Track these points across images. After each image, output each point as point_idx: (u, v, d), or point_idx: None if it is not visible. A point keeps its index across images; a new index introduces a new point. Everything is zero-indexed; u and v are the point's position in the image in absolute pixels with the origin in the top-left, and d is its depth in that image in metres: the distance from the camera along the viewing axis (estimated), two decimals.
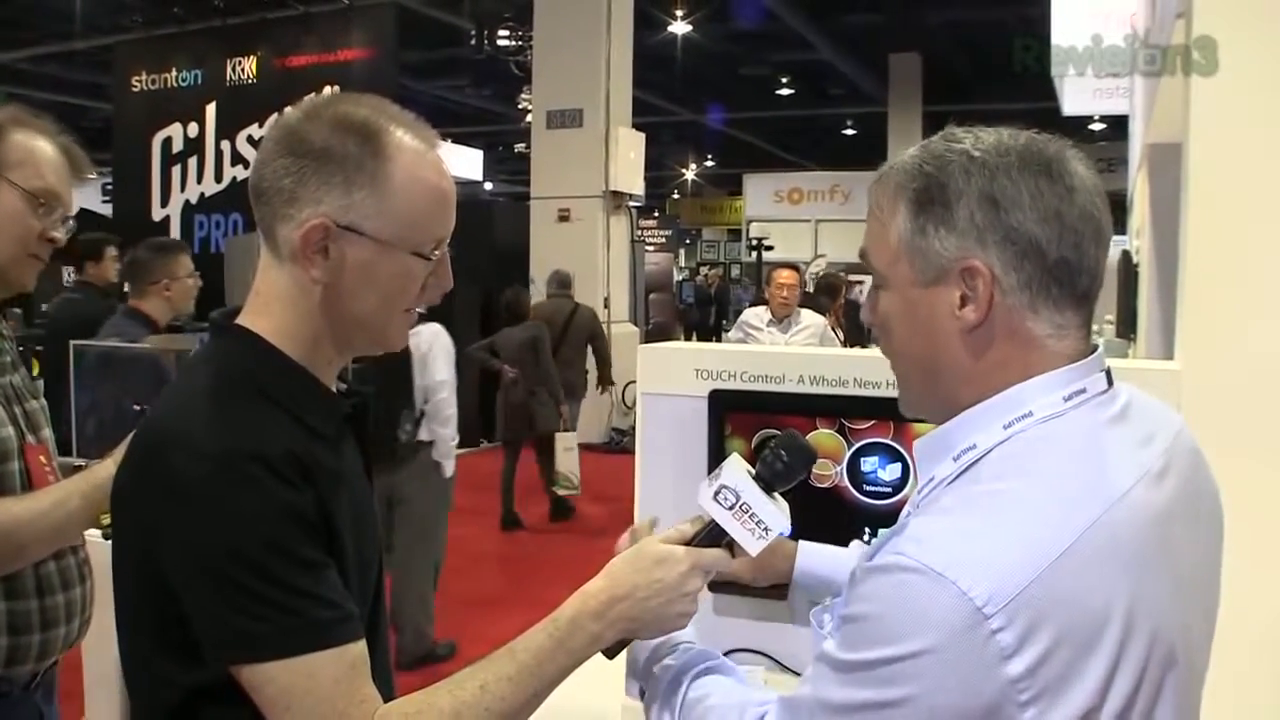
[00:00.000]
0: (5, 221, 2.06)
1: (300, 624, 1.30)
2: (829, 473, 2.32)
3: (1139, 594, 1.11)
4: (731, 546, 1.49)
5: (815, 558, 1.86)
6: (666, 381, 2.61)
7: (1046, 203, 1.19)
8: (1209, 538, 1.31)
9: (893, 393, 1.88)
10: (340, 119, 1.43)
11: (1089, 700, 1.07)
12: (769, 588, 1.99)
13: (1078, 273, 1.21)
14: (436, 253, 1.47)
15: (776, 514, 1.46)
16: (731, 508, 1.45)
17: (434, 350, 5.65)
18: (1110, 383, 1.26)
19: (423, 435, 5.68)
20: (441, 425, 5.70)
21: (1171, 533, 1.20)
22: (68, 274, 10.84)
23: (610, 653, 1.47)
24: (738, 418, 2.44)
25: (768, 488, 1.47)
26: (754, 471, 1.48)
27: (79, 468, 2.27)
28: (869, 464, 2.31)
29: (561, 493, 9.30)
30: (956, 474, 1.22)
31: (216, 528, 1.29)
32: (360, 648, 1.35)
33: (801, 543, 1.85)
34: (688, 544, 1.47)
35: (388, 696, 1.44)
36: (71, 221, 2.20)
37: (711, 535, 1.47)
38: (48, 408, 2.25)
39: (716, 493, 1.46)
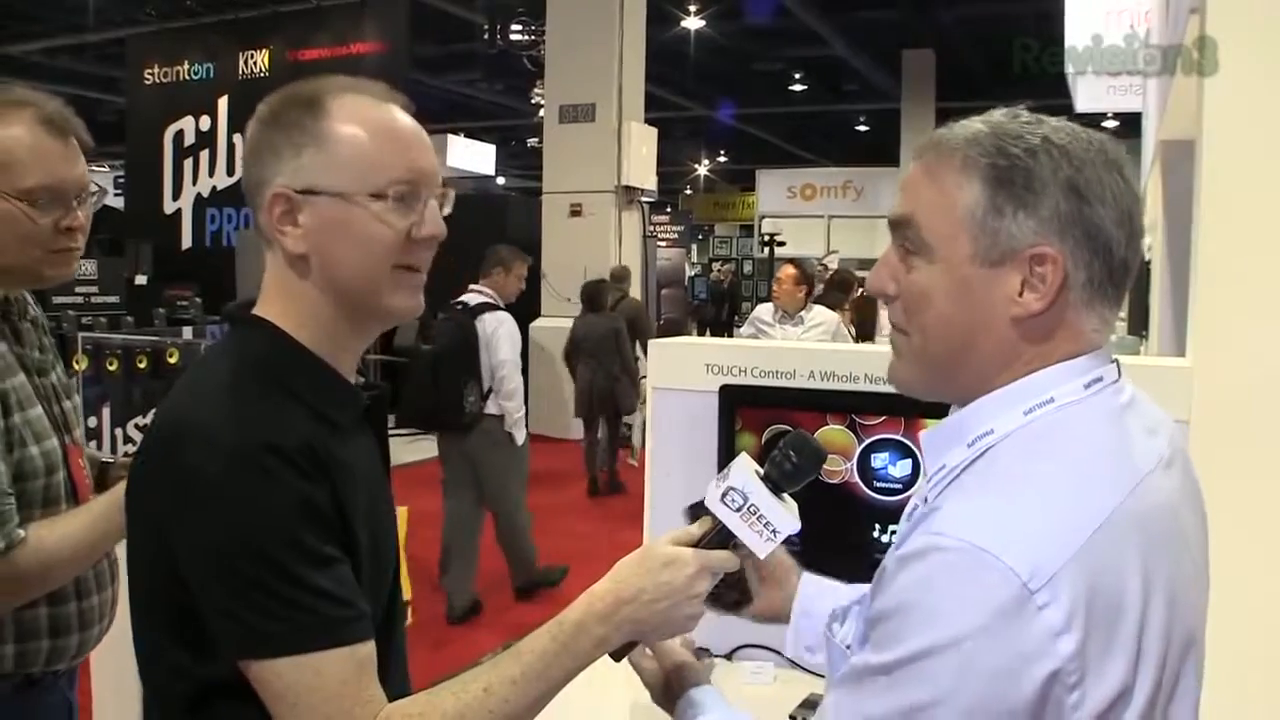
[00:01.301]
0: (3, 232, 1.95)
1: (311, 621, 1.29)
2: (839, 469, 2.32)
3: (1163, 574, 1.12)
4: (739, 547, 1.47)
5: (816, 591, 1.72)
6: (677, 376, 2.61)
7: (1123, 203, 1.19)
8: (1204, 535, 1.31)
9: None
10: (289, 94, 1.44)
11: (1123, 680, 1.06)
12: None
13: (1131, 275, 1.22)
14: (398, 189, 1.42)
15: (785, 516, 1.43)
16: (739, 510, 1.43)
17: (498, 333, 6.37)
18: (1120, 373, 1.26)
19: (493, 409, 6.37)
20: (506, 399, 6.37)
21: (1183, 520, 1.21)
22: (82, 266, 10.85)
23: (617, 655, 1.46)
24: (748, 413, 2.44)
25: (776, 489, 1.45)
26: (762, 472, 1.46)
27: (107, 464, 2.28)
28: (879, 460, 2.31)
29: (633, 461, 10.68)
30: (971, 459, 1.21)
31: (230, 522, 1.28)
32: (369, 648, 1.34)
33: (806, 575, 1.74)
34: (695, 545, 1.45)
35: (403, 689, 1.44)
36: (95, 192, 2.07)
37: (719, 537, 1.45)
38: (80, 405, 2.23)
39: (724, 494, 1.43)
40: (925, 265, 1.23)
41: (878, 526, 2.28)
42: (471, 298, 6.48)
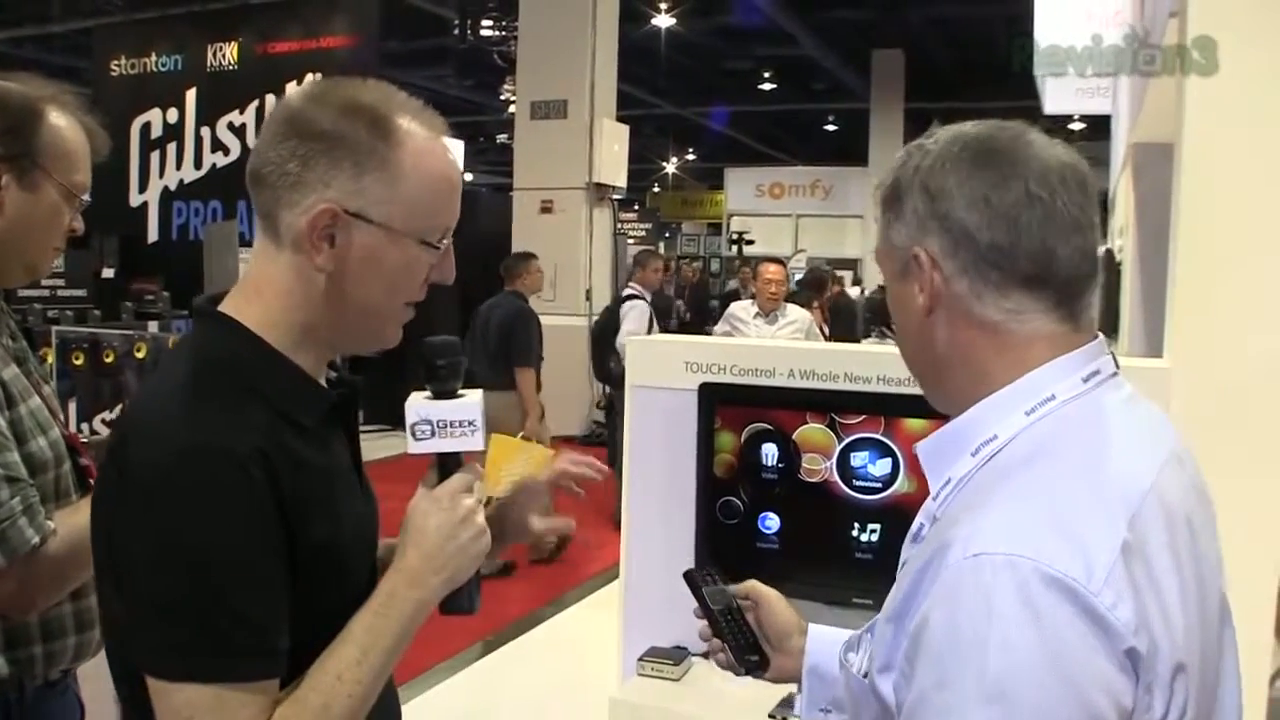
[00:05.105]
0: (45, 219, 1.93)
1: (222, 651, 1.27)
2: (819, 467, 2.32)
3: (1186, 552, 1.14)
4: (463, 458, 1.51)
5: (822, 647, 1.66)
6: (656, 374, 2.60)
7: (973, 189, 1.21)
8: (1214, 529, 1.30)
9: (883, 388, 1.90)
10: (349, 103, 1.40)
11: (1178, 658, 1.07)
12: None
13: (1015, 256, 1.20)
14: (444, 242, 1.45)
15: (468, 406, 1.50)
16: (434, 434, 1.48)
17: (629, 315, 8.44)
18: (1117, 366, 1.27)
19: None
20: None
21: (1199, 511, 1.23)
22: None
23: (443, 608, 1.49)
24: (727, 411, 2.43)
25: (450, 394, 1.51)
26: (429, 391, 1.51)
27: (85, 443, 2.23)
28: (859, 459, 2.31)
29: None
30: (978, 468, 1.21)
31: (166, 525, 1.26)
32: (273, 686, 1.32)
33: (811, 629, 1.69)
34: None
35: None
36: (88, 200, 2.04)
37: (445, 466, 1.50)
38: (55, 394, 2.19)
39: (414, 434, 1.49)
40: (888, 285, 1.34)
41: (857, 525, 2.28)
42: (625, 291, 8.95)
